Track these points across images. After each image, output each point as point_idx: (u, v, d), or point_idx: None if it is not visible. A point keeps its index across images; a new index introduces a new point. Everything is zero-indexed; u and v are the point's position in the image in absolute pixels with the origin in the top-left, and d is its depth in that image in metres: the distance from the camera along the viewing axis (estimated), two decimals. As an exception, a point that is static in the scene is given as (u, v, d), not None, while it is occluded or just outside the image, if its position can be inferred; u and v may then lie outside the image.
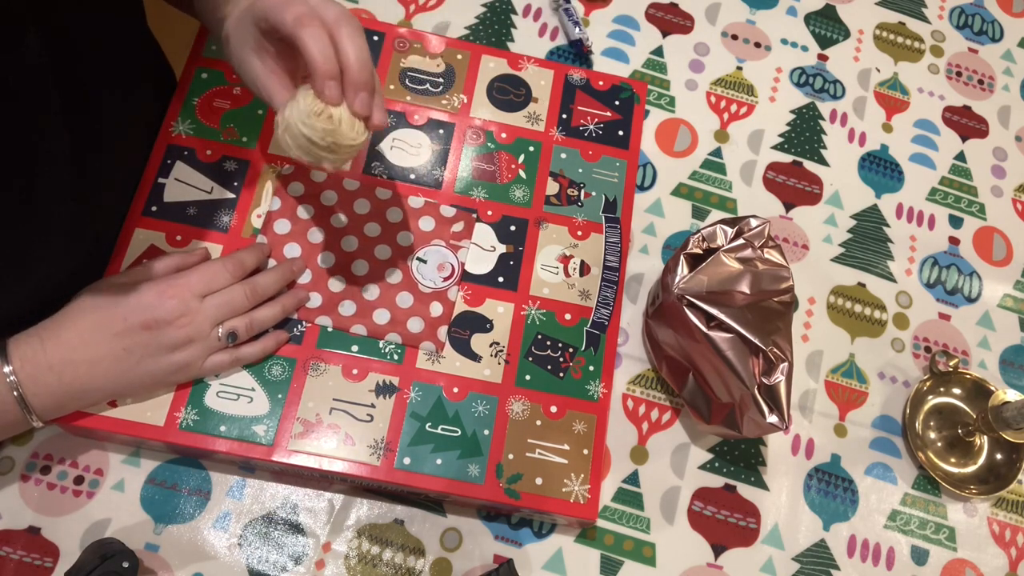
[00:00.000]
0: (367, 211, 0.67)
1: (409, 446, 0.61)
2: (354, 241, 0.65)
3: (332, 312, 0.63)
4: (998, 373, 0.77)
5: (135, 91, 0.64)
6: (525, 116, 0.74)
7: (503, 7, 0.84)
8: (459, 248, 0.67)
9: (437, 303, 0.65)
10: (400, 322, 0.64)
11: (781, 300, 0.64)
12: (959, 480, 0.71)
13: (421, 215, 0.67)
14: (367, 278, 0.65)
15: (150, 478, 0.62)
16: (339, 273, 0.64)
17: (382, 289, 0.64)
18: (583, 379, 0.65)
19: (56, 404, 0.54)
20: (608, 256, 0.70)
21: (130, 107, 0.63)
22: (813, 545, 0.68)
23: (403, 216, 0.67)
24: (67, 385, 0.53)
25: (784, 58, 0.86)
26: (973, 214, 0.83)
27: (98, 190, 0.58)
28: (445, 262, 0.65)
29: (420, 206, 0.68)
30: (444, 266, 0.65)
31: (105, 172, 0.59)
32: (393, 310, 0.64)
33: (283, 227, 0.65)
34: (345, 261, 0.65)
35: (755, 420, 0.60)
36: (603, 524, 0.66)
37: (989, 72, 0.90)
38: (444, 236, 0.67)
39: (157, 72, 0.71)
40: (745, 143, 0.81)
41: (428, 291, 0.65)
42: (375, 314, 0.64)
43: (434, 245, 0.66)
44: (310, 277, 0.64)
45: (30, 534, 0.60)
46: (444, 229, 0.67)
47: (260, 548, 0.61)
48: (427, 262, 0.66)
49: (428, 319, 0.64)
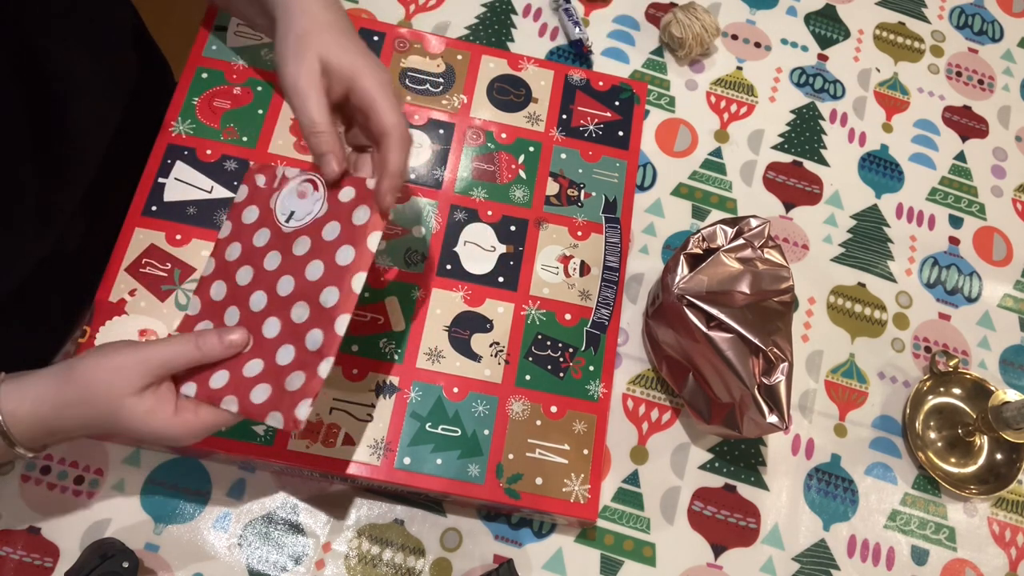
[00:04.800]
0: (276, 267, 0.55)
1: (409, 446, 0.61)
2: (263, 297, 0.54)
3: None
4: (998, 373, 0.77)
5: (108, 66, 0.63)
6: (525, 116, 0.74)
7: (503, 7, 0.84)
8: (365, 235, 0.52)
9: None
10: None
11: (781, 300, 0.64)
12: (959, 480, 0.71)
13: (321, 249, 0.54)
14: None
15: (150, 478, 0.62)
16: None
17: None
18: (583, 379, 0.65)
19: (40, 443, 0.51)
20: (608, 256, 0.70)
21: (102, 83, 0.62)
22: (813, 545, 0.68)
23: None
24: (52, 437, 0.51)
25: (784, 58, 0.86)
26: (973, 214, 0.83)
27: (64, 167, 0.57)
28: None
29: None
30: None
31: (72, 149, 0.58)
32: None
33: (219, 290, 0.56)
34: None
35: (755, 420, 0.60)
36: (603, 524, 0.66)
37: (989, 72, 0.90)
38: (353, 234, 0.52)
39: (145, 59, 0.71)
40: (745, 143, 0.81)
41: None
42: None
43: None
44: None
45: (30, 534, 0.60)
46: (349, 226, 0.53)
47: (260, 548, 0.61)
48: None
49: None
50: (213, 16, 0.73)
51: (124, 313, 0.62)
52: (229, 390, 0.51)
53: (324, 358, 0.50)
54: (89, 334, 0.61)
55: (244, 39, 0.72)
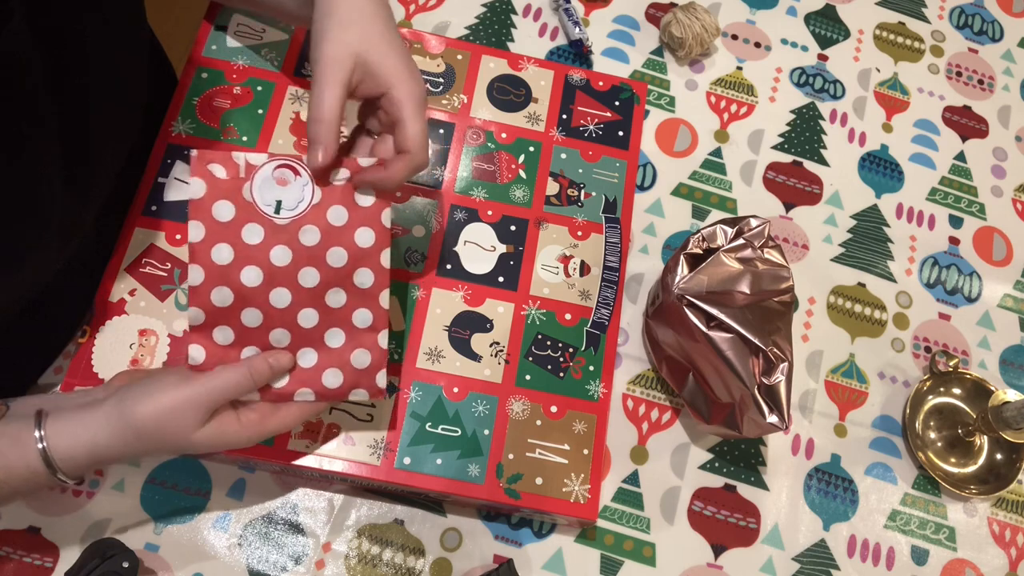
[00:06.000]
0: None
1: (409, 446, 0.61)
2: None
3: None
4: (998, 373, 0.77)
5: (129, 85, 0.63)
6: (525, 116, 0.74)
7: (503, 7, 0.84)
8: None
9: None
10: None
11: (781, 300, 0.64)
12: (959, 480, 0.71)
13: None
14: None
15: (150, 478, 0.62)
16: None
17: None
18: (583, 379, 0.65)
19: (78, 472, 0.53)
20: (608, 256, 0.70)
21: (124, 102, 0.62)
22: (813, 545, 0.68)
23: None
24: (93, 464, 0.52)
25: (784, 58, 0.86)
26: (973, 214, 0.83)
27: (89, 183, 0.57)
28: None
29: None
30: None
31: (97, 166, 0.58)
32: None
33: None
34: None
35: (755, 420, 0.60)
36: (603, 524, 0.66)
37: (989, 72, 0.90)
38: (365, 216, 0.54)
39: (157, 72, 0.71)
40: (745, 143, 0.81)
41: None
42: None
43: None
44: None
45: (30, 534, 0.60)
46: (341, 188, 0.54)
47: (260, 548, 0.61)
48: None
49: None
50: (215, 12, 0.73)
51: (124, 313, 0.62)
52: (295, 384, 0.55)
53: (379, 331, 0.55)
54: (89, 334, 0.61)
55: (244, 39, 0.72)
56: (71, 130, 0.52)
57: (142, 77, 0.65)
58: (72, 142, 0.53)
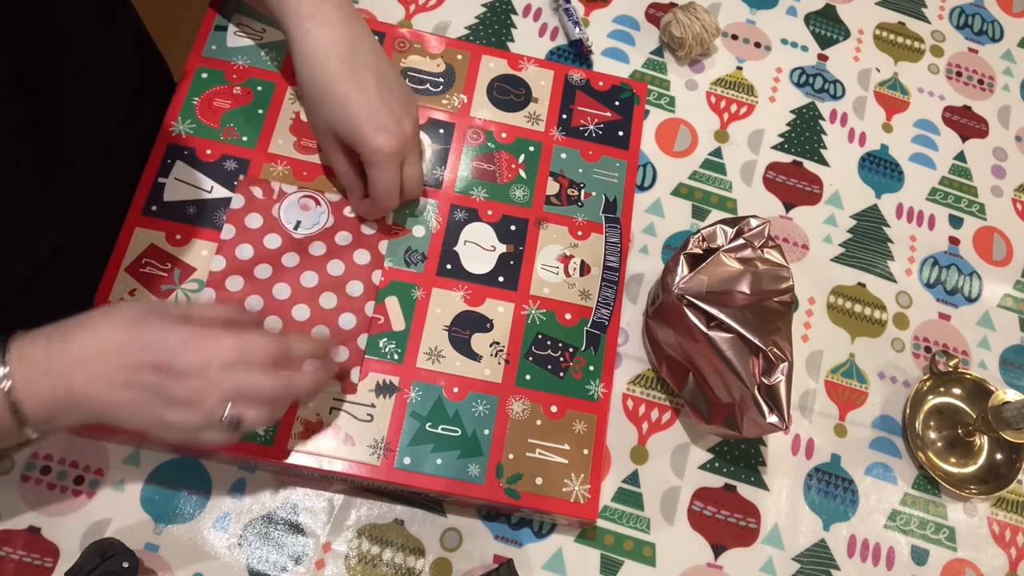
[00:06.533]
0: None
1: (409, 446, 0.61)
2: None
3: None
4: (998, 373, 0.77)
5: (110, 67, 0.63)
6: (525, 116, 0.74)
7: (503, 7, 0.84)
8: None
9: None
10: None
11: (781, 300, 0.64)
12: (959, 480, 0.71)
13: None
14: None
15: (150, 478, 0.62)
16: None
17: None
18: (583, 379, 0.65)
19: (45, 416, 0.49)
20: (608, 256, 0.70)
21: (105, 85, 0.62)
22: (813, 545, 0.68)
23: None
24: (58, 397, 0.49)
25: (784, 58, 0.86)
26: (973, 214, 0.83)
27: (67, 174, 0.57)
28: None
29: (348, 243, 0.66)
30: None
31: (74, 149, 0.58)
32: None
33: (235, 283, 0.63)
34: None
35: (755, 420, 0.60)
36: (603, 524, 0.66)
37: (989, 72, 0.90)
38: (366, 241, 0.66)
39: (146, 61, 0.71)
40: (745, 143, 0.81)
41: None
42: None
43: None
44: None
45: (30, 534, 0.60)
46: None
47: (260, 548, 0.61)
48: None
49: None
50: (214, 13, 0.73)
51: (124, 313, 0.62)
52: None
53: (359, 335, 0.63)
54: (89, 334, 0.61)
55: (244, 39, 0.72)
56: (40, 113, 0.52)
57: (126, 62, 0.65)
58: (43, 126, 0.52)
